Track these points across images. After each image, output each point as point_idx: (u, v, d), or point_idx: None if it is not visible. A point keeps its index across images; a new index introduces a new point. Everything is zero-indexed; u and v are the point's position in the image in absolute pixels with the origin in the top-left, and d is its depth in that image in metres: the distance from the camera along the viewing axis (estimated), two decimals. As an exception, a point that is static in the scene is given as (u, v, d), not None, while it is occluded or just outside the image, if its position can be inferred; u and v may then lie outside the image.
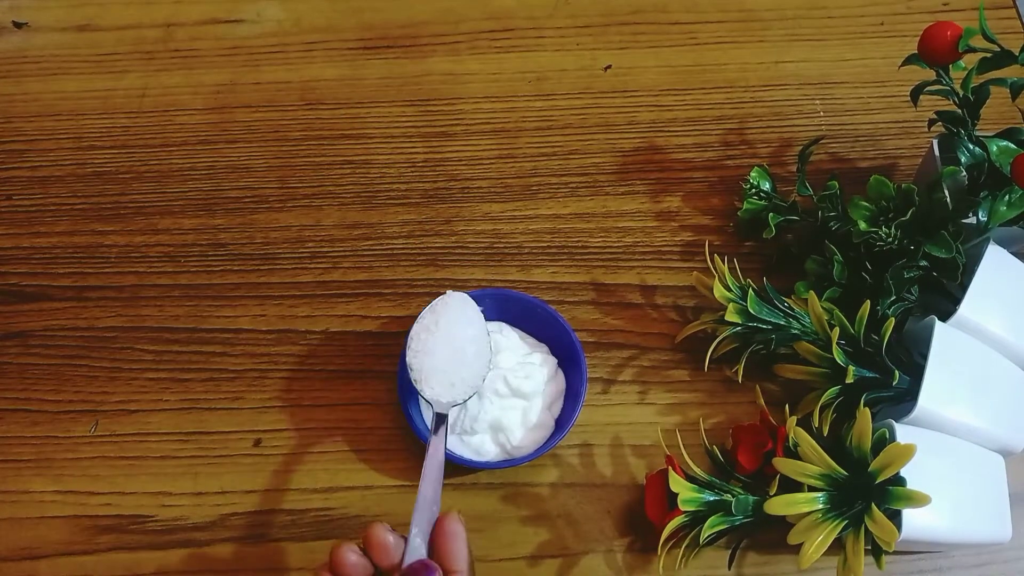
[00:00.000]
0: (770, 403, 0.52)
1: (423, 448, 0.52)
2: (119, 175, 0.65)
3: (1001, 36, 0.50)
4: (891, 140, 0.66)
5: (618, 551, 0.52)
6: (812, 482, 0.46)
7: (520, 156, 0.65)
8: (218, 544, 0.52)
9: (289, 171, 0.65)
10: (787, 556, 0.51)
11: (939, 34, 0.50)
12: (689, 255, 0.61)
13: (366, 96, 0.68)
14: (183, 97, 0.68)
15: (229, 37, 0.71)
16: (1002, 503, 0.49)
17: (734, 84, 0.68)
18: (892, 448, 0.45)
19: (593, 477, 0.54)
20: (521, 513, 0.53)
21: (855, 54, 0.69)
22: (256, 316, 0.59)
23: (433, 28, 0.71)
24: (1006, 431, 0.50)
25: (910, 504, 0.44)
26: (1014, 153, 0.51)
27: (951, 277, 0.52)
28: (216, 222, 0.63)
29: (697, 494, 0.48)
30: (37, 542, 0.52)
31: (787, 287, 0.56)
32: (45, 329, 0.59)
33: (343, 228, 0.63)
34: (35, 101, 0.68)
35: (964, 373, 0.50)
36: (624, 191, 0.64)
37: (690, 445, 0.51)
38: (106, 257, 0.62)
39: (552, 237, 0.62)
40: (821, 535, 0.45)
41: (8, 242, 0.62)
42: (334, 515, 0.53)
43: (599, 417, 0.56)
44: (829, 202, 0.56)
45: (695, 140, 0.66)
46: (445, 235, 0.62)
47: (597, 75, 0.69)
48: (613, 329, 0.59)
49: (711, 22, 0.71)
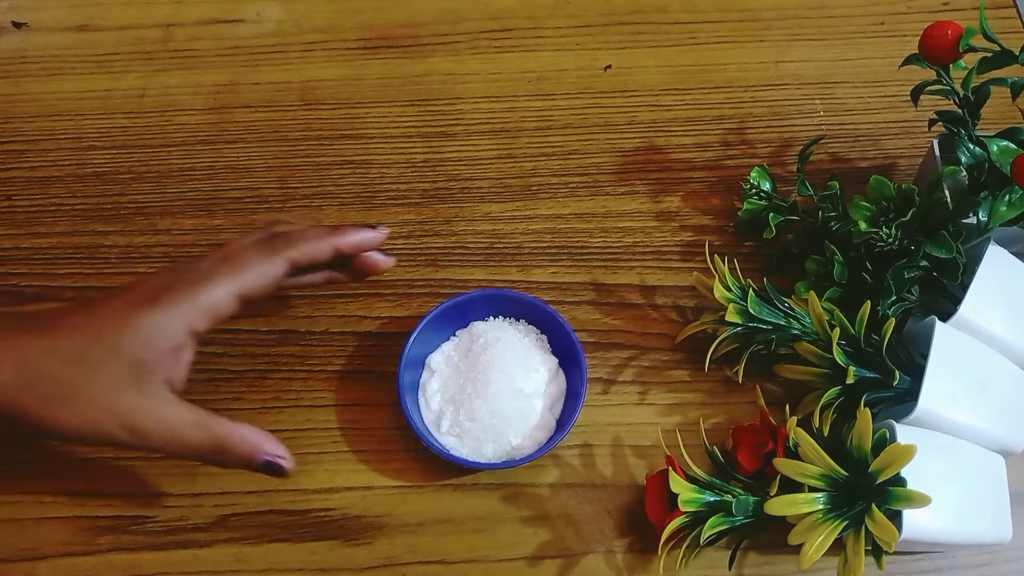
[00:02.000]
0: (770, 403, 0.52)
1: (423, 448, 0.52)
2: (119, 175, 0.65)
3: (1001, 36, 0.50)
4: (891, 140, 0.66)
5: (618, 552, 0.52)
6: (812, 482, 0.46)
7: (520, 156, 0.65)
8: (218, 545, 0.52)
9: (289, 171, 0.65)
10: (787, 556, 0.51)
11: (939, 34, 0.50)
12: (689, 255, 0.61)
13: (366, 96, 0.68)
14: (183, 97, 0.68)
15: (229, 37, 0.71)
16: (1002, 503, 0.49)
17: (734, 84, 0.68)
18: (892, 448, 0.45)
19: (593, 477, 0.54)
20: (521, 514, 0.53)
21: (855, 54, 0.69)
22: (256, 316, 0.59)
23: (433, 28, 0.71)
24: (1006, 431, 0.50)
25: (910, 504, 0.44)
26: (1014, 153, 0.51)
27: (951, 277, 0.52)
28: (216, 222, 0.63)
29: (697, 495, 0.48)
30: (37, 543, 0.52)
31: (787, 287, 0.56)
32: (45, 329, 0.59)
33: (343, 228, 0.63)
34: (35, 101, 0.68)
35: (964, 373, 0.50)
36: (624, 191, 0.64)
37: (690, 445, 0.51)
38: (106, 257, 0.62)
39: (552, 237, 0.62)
40: (821, 535, 0.45)
41: (8, 242, 0.62)
42: (334, 516, 0.53)
43: (599, 417, 0.56)
44: (829, 202, 0.56)
45: (695, 140, 0.66)
46: (445, 235, 0.62)
47: (597, 75, 0.69)
48: (613, 329, 0.59)
49: (711, 22, 0.71)
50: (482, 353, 0.53)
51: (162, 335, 0.43)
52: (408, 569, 0.52)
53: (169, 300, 0.43)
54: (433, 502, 0.52)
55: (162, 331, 0.43)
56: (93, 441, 0.43)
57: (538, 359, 0.54)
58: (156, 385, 0.43)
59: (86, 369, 0.42)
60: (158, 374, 0.43)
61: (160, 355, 0.43)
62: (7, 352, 0.41)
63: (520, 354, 0.54)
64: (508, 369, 0.53)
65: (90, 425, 0.42)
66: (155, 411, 0.43)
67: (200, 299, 0.44)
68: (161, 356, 0.43)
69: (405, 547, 0.52)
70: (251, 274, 0.45)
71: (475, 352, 0.54)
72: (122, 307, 0.43)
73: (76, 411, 0.42)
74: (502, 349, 0.53)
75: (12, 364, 0.41)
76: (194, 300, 0.44)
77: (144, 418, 0.42)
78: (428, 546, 0.52)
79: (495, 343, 0.54)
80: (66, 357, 0.41)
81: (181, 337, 0.44)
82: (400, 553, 0.52)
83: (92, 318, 0.43)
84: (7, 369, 0.41)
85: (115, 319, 0.42)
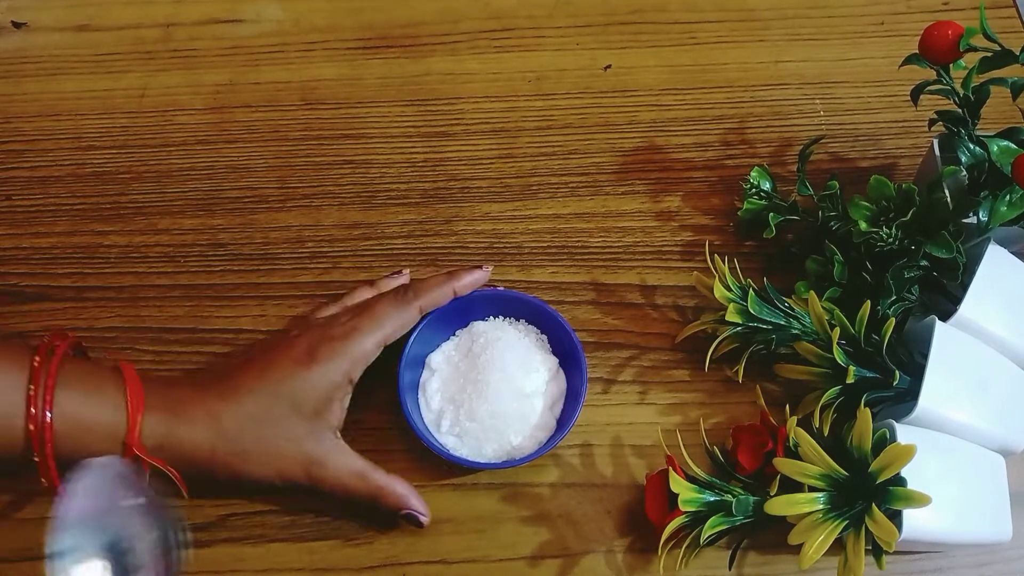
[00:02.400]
0: (770, 403, 0.52)
1: (423, 448, 0.52)
2: (119, 175, 0.65)
3: (1001, 35, 0.50)
4: (891, 140, 0.66)
5: (618, 551, 0.52)
6: (812, 482, 0.46)
7: (520, 156, 0.65)
8: (218, 545, 0.52)
9: (289, 171, 0.65)
10: (787, 556, 0.51)
11: (939, 34, 0.50)
12: (689, 255, 0.61)
13: (366, 96, 0.68)
14: (182, 97, 0.68)
15: (229, 37, 0.71)
16: (1002, 503, 0.49)
17: (734, 84, 0.68)
18: (892, 448, 0.45)
19: (593, 477, 0.54)
20: (521, 513, 0.53)
21: (855, 53, 0.69)
22: (256, 316, 0.59)
23: (433, 28, 0.71)
24: (1006, 431, 0.50)
25: (910, 504, 0.44)
26: (1015, 153, 0.51)
27: (951, 277, 0.52)
28: (216, 222, 0.63)
29: (697, 494, 0.48)
30: (37, 543, 0.52)
31: (787, 287, 0.56)
32: (45, 330, 0.59)
33: (343, 228, 0.63)
34: (34, 101, 0.68)
35: (964, 373, 0.50)
36: (624, 191, 0.64)
37: (690, 445, 0.51)
38: (106, 257, 0.62)
39: (552, 237, 0.62)
40: (822, 535, 0.45)
41: (8, 242, 0.62)
42: (334, 515, 0.53)
43: (599, 417, 0.56)
44: (829, 202, 0.56)
45: (695, 140, 0.66)
46: (445, 235, 0.62)
47: (597, 75, 0.69)
48: (613, 329, 0.59)
49: (711, 22, 0.71)
50: (482, 353, 0.53)
51: (326, 386, 0.49)
52: (408, 569, 0.52)
53: (327, 355, 0.49)
54: (433, 502, 0.52)
55: (326, 383, 0.49)
56: (282, 487, 0.49)
57: (538, 359, 0.54)
58: (327, 434, 0.50)
59: (270, 425, 0.48)
60: (327, 421, 0.50)
61: (327, 404, 0.49)
62: (202, 418, 0.48)
63: (520, 354, 0.54)
64: (508, 369, 0.53)
65: (278, 474, 0.49)
66: (329, 461, 0.49)
67: (352, 351, 0.50)
68: (328, 405, 0.50)
69: (405, 547, 0.52)
70: (389, 324, 0.51)
71: (475, 352, 0.54)
72: (290, 365, 0.49)
73: (265, 463, 0.49)
74: (502, 349, 0.53)
75: (207, 428, 0.48)
76: (347, 352, 0.50)
77: (319, 467, 0.49)
78: (428, 546, 0.52)
79: (495, 343, 0.54)
80: (253, 418, 0.48)
81: (341, 386, 0.50)
82: (400, 553, 0.52)
83: (265, 379, 0.49)
84: (203, 431, 0.48)
85: (286, 378, 0.49)
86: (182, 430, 0.47)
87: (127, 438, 0.46)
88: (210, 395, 0.49)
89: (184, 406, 0.48)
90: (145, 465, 0.47)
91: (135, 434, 0.46)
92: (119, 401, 0.47)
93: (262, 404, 0.48)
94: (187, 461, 0.48)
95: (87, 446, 0.46)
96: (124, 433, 0.46)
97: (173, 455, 0.48)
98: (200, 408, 0.48)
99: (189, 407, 0.48)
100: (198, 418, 0.48)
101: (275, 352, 0.50)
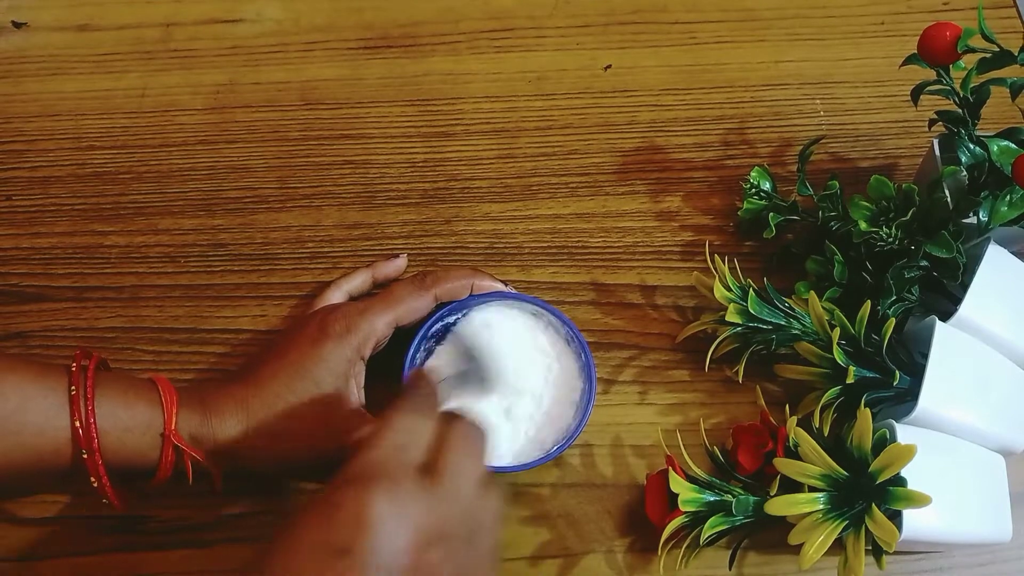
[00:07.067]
0: (770, 403, 0.52)
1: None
2: (119, 175, 0.65)
3: (1001, 36, 0.50)
4: (891, 140, 0.66)
5: (619, 551, 0.52)
6: (812, 482, 0.46)
7: (520, 156, 0.65)
8: (219, 545, 0.52)
9: (289, 171, 0.65)
10: (788, 556, 0.52)
11: (939, 34, 0.50)
12: (689, 255, 0.61)
13: (366, 96, 0.68)
14: (183, 97, 0.68)
15: (228, 37, 0.71)
16: (1002, 503, 0.49)
17: (734, 84, 0.68)
18: (893, 448, 0.45)
19: (593, 477, 0.54)
20: (521, 513, 0.53)
21: (855, 54, 0.69)
22: (256, 316, 0.59)
23: (433, 28, 0.71)
24: (1006, 431, 0.50)
25: (910, 504, 0.44)
26: (1015, 153, 0.51)
27: (951, 277, 0.52)
28: (216, 222, 0.63)
29: (697, 494, 0.48)
30: (37, 543, 0.52)
31: (788, 287, 0.56)
32: (45, 330, 0.59)
33: (343, 228, 0.63)
34: (34, 101, 0.68)
35: (965, 373, 0.50)
36: (624, 191, 0.64)
37: (690, 445, 0.51)
38: (106, 257, 0.62)
39: (552, 237, 0.62)
40: (822, 535, 0.45)
41: (8, 242, 0.62)
42: (334, 515, 0.53)
43: (599, 417, 0.56)
44: (829, 202, 0.56)
45: (695, 140, 0.66)
46: (445, 235, 0.62)
47: (597, 75, 0.69)
48: (613, 329, 0.59)
49: (711, 22, 0.71)
50: (484, 353, 0.53)
51: (340, 360, 0.50)
52: (408, 569, 0.52)
53: (339, 331, 0.51)
54: (433, 502, 0.52)
55: (339, 357, 0.50)
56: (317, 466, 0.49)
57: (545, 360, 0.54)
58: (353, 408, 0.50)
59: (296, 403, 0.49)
60: (348, 397, 0.50)
61: (345, 381, 0.50)
62: (232, 407, 0.49)
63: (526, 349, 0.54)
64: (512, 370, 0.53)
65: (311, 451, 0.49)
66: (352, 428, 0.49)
67: (363, 326, 0.51)
68: (346, 382, 0.50)
69: (405, 547, 0.52)
70: (403, 307, 0.52)
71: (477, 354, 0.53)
72: (306, 343, 0.50)
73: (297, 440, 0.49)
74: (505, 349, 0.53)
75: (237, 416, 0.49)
76: (358, 328, 0.51)
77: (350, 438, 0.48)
78: (428, 546, 0.52)
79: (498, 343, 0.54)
80: (280, 398, 0.49)
81: (354, 361, 0.51)
82: (400, 553, 0.52)
83: (284, 361, 0.50)
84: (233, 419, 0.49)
85: (303, 357, 0.50)
86: (215, 421, 0.48)
87: (165, 430, 0.47)
88: (236, 385, 0.50)
89: (214, 398, 0.49)
90: (186, 456, 0.48)
91: (172, 426, 0.47)
92: (154, 398, 0.48)
93: (285, 384, 0.49)
94: (222, 452, 0.49)
95: (125, 445, 0.47)
96: (161, 426, 0.47)
97: (208, 448, 0.48)
98: (229, 398, 0.49)
99: (219, 399, 0.49)
100: (228, 408, 0.49)
101: (291, 334, 0.52)
